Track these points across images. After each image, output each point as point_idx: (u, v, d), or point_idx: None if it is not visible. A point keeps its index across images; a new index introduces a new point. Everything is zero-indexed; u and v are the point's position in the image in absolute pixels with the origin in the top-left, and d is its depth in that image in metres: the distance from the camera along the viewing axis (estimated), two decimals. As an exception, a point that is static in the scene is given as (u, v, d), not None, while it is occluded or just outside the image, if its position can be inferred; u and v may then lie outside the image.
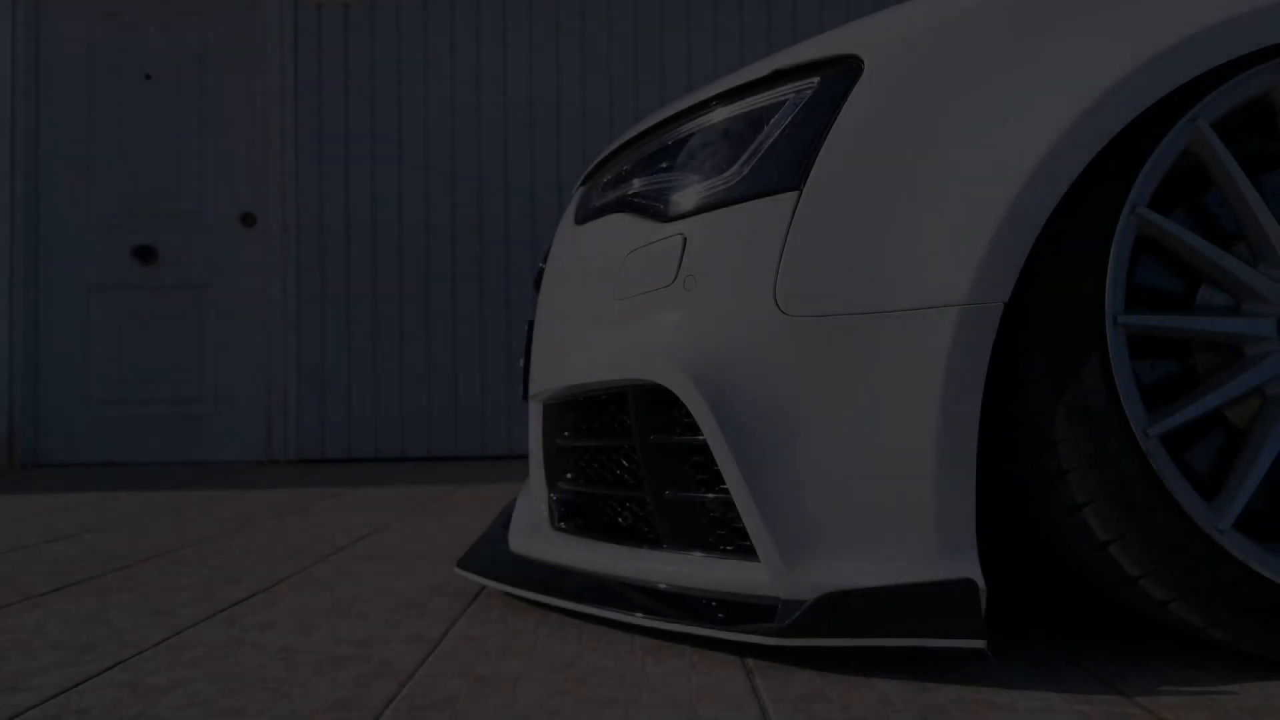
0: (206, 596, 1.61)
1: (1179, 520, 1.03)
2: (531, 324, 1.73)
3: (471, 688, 1.07)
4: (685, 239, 1.25)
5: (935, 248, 1.08)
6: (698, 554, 1.25)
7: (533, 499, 1.73)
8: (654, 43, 4.68)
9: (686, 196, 1.28)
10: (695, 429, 1.25)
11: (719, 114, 1.31)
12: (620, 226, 1.38)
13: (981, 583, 1.06)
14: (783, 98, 1.24)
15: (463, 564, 1.60)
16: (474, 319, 4.62)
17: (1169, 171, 1.27)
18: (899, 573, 1.08)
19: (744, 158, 1.23)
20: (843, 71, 1.19)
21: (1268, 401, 1.12)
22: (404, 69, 4.67)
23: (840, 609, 1.08)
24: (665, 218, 1.30)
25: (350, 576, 1.75)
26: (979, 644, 1.04)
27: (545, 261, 1.72)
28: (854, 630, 1.07)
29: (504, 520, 1.80)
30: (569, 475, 1.56)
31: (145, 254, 4.66)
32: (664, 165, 1.35)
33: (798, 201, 1.16)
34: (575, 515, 1.57)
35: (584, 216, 1.52)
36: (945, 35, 1.14)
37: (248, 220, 4.66)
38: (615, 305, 1.34)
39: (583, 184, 1.68)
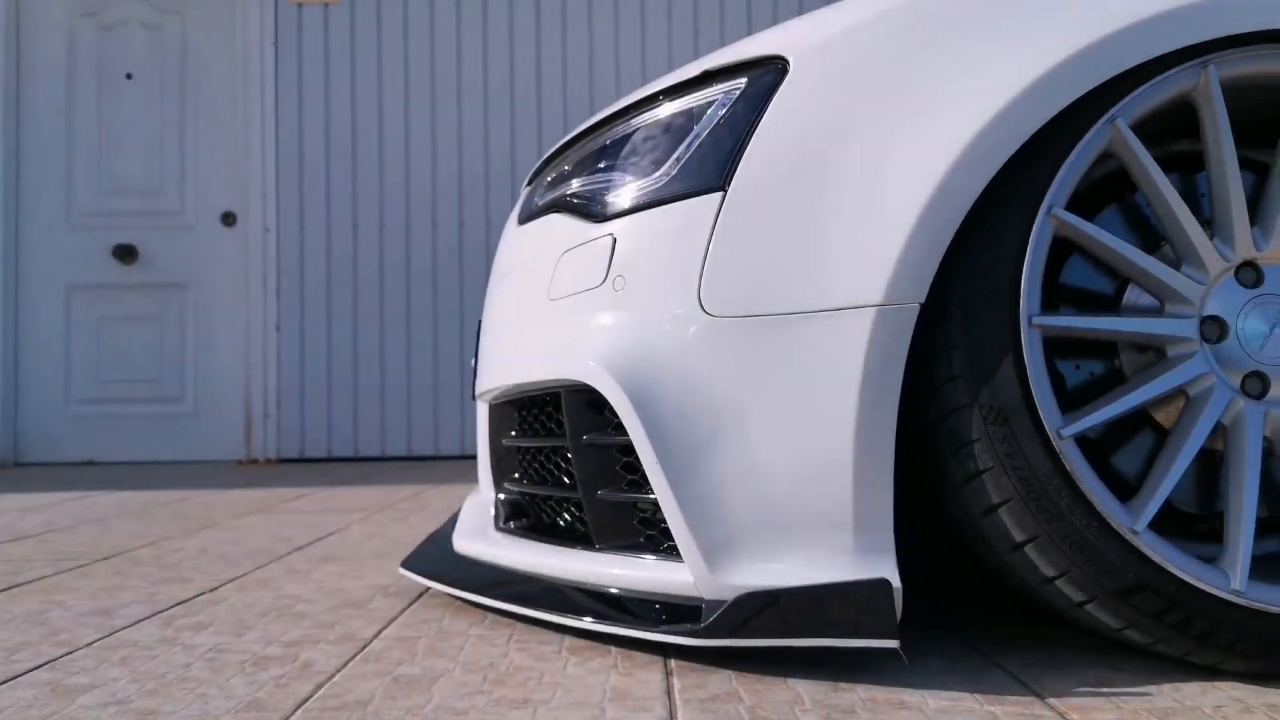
0: (151, 597, 1.61)
1: (1092, 521, 1.03)
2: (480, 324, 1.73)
3: (389, 688, 1.07)
4: (615, 239, 1.25)
5: (853, 249, 1.08)
6: (628, 554, 1.25)
7: (481, 499, 1.74)
8: (634, 38, 4.68)
9: (617, 197, 1.28)
10: (624, 429, 1.25)
11: (651, 115, 1.31)
12: (557, 227, 1.38)
13: (897, 583, 1.06)
14: (711, 99, 1.24)
15: (407, 564, 1.60)
16: (455, 318, 4.62)
17: (1105, 173, 1.29)
18: (816, 574, 1.08)
19: (672, 159, 1.23)
20: (769, 73, 1.19)
21: (1191, 402, 1.12)
22: (385, 67, 4.66)
23: (758, 609, 1.08)
24: (597, 218, 1.30)
25: (299, 577, 1.75)
26: (892, 644, 1.04)
27: None
28: (771, 631, 1.07)
29: (455, 520, 1.80)
30: (516, 475, 1.56)
31: (125, 253, 4.65)
32: (599, 166, 1.36)
33: (722, 202, 1.16)
34: (521, 516, 1.57)
35: (526, 217, 1.52)
36: (866, 36, 1.14)
37: (228, 219, 4.66)
38: (550, 306, 1.35)
39: (528, 184, 1.68)
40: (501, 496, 1.62)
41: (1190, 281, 1.11)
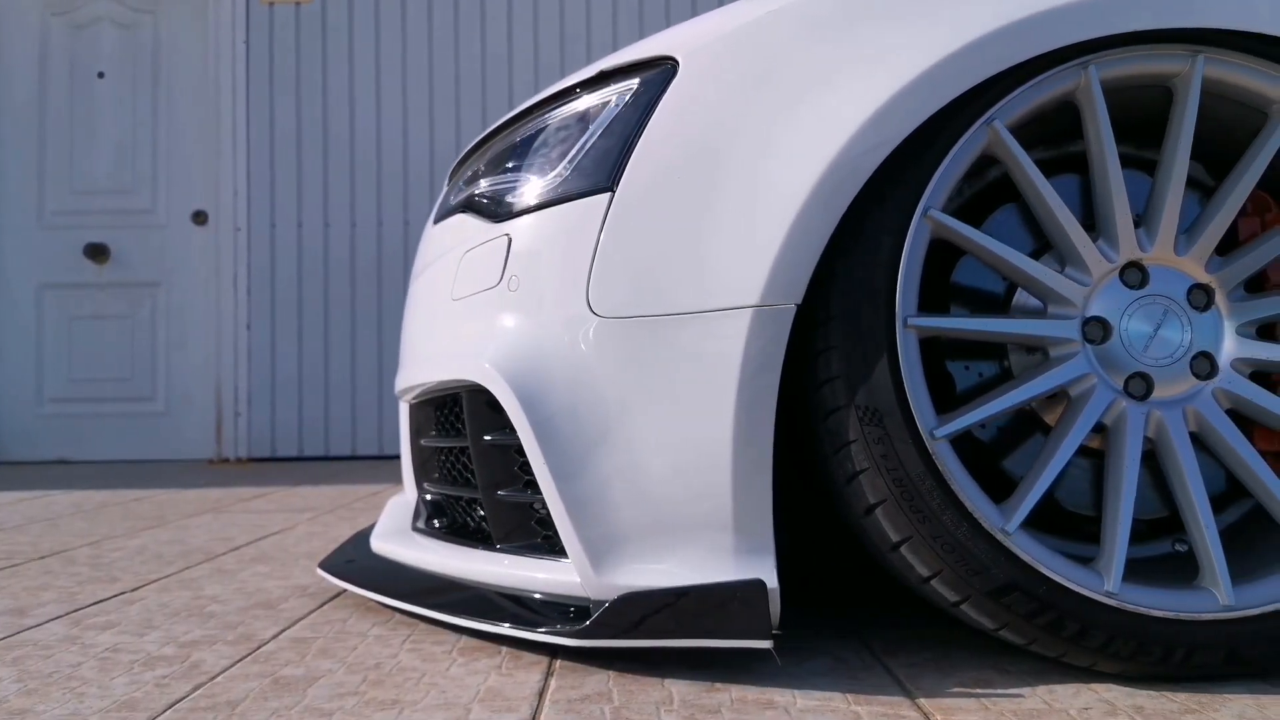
0: (71, 597, 1.61)
1: (963, 521, 1.04)
2: (406, 324, 1.73)
3: (265, 689, 1.07)
4: (510, 240, 1.25)
5: (732, 250, 1.08)
6: (526, 555, 1.26)
7: (405, 499, 1.74)
8: (606, 43, 4.68)
9: (514, 197, 1.28)
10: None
11: (551, 115, 1.31)
12: (462, 227, 1.39)
13: (772, 584, 1.06)
14: (606, 99, 1.24)
15: (324, 563, 1.60)
16: (426, 317, 4.61)
17: (1003, 173, 1.28)
18: (696, 574, 1.08)
19: (566, 159, 1.23)
20: (659, 73, 1.19)
21: (1072, 403, 1.12)
22: (356, 66, 4.66)
23: (636, 610, 1.08)
24: (495, 218, 1.30)
25: (224, 577, 1.76)
26: (765, 644, 1.04)
27: None
28: (648, 631, 1.07)
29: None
30: (436, 476, 1.57)
31: (97, 252, 4.65)
32: (501, 166, 1.36)
33: (609, 203, 1.16)
34: (440, 516, 1.58)
35: (439, 216, 1.52)
36: (752, 37, 1.14)
37: (199, 218, 4.66)
38: (453, 306, 1.35)
39: (448, 182, 1.68)
40: (421, 497, 1.62)
41: (1072, 283, 1.11)
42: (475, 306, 1.29)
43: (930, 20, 1.07)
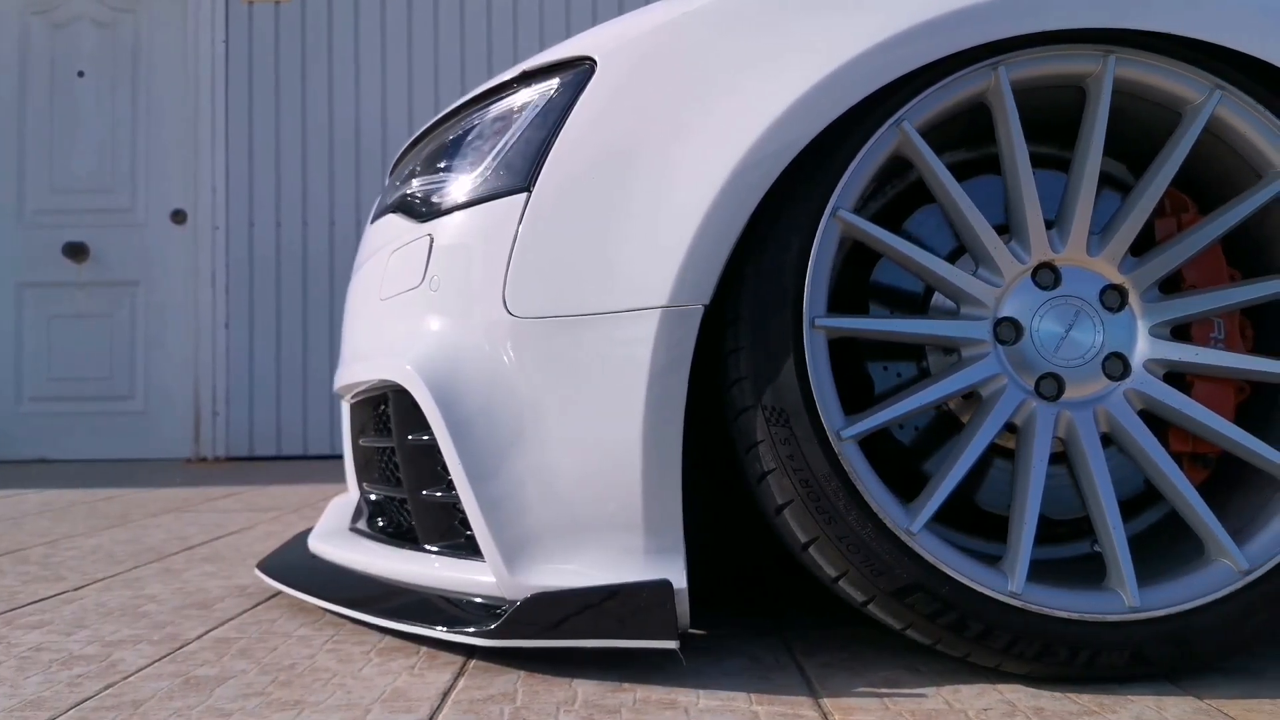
0: (12, 595, 1.61)
1: (867, 522, 1.04)
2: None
3: (174, 689, 1.07)
4: (432, 240, 1.25)
5: (642, 251, 1.08)
6: (449, 555, 1.26)
7: (347, 499, 1.74)
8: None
9: (438, 197, 1.28)
10: (441, 430, 1.25)
11: (477, 116, 1.31)
12: (392, 226, 1.39)
13: (680, 584, 1.06)
14: (528, 100, 1.24)
15: (262, 563, 1.60)
16: (405, 317, 4.61)
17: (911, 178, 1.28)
18: (606, 575, 1.08)
19: (488, 160, 1.23)
20: (578, 74, 1.19)
21: (983, 404, 1.12)
22: (335, 65, 4.66)
23: (545, 610, 1.08)
24: (420, 218, 1.30)
25: (170, 577, 1.76)
26: (671, 644, 1.04)
27: None
28: (556, 631, 1.08)
29: (330, 519, 1.80)
30: (375, 475, 1.57)
31: (76, 251, 4.65)
32: (428, 166, 1.36)
33: (526, 204, 1.16)
34: (381, 515, 1.58)
35: (375, 216, 1.52)
36: (667, 38, 1.14)
37: (178, 217, 4.66)
38: (382, 305, 1.35)
39: (387, 182, 1.68)
40: (371, 496, 1.62)
41: (982, 283, 1.11)
42: (400, 306, 1.29)
43: (840, 22, 1.07)
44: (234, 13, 4.67)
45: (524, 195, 1.16)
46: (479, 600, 1.18)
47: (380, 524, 1.55)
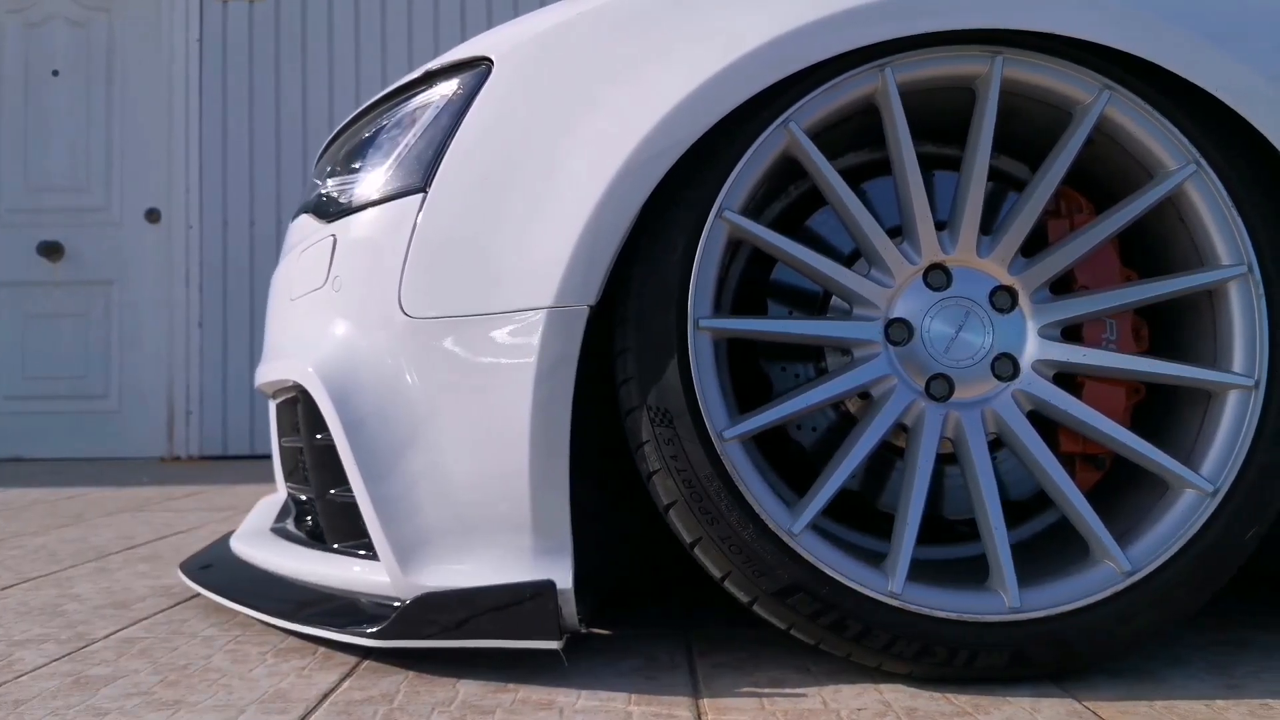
0: (-63, 595, 1.61)
1: (749, 523, 1.04)
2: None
3: (62, 689, 1.07)
4: (335, 240, 1.25)
5: (530, 251, 1.08)
6: (352, 555, 1.26)
7: (275, 498, 1.74)
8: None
9: (343, 197, 1.28)
10: (344, 430, 1.25)
11: (385, 116, 1.31)
12: (304, 226, 1.39)
13: (564, 585, 1.06)
14: (429, 100, 1.24)
15: (184, 564, 1.61)
16: (379, 316, 4.61)
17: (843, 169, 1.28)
18: (494, 575, 1.09)
19: (390, 160, 1.23)
20: (476, 75, 1.19)
21: (873, 404, 1.12)
22: (309, 64, 4.66)
23: (432, 610, 1.09)
24: (326, 218, 1.30)
25: (102, 576, 1.76)
26: (554, 645, 1.04)
27: None
28: (442, 631, 1.08)
29: (264, 519, 1.80)
30: (296, 476, 1.57)
31: (51, 250, 4.65)
32: (336, 166, 1.36)
33: (422, 204, 1.16)
34: (305, 515, 1.58)
35: (294, 215, 1.52)
36: (560, 38, 1.14)
37: (153, 216, 4.66)
38: (291, 305, 1.35)
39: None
40: (300, 496, 1.62)
41: (872, 284, 1.11)
42: (306, 306, 1.29)
43: (725, 23, 1.07)
44: (208, 12, 4.67)
45: (420, 196, 1.16)
46: (376, 601, 1.18)
47: (308, 524, 1.55)
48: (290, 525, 1.58)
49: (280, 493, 1.70)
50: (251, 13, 4.68)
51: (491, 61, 1.18)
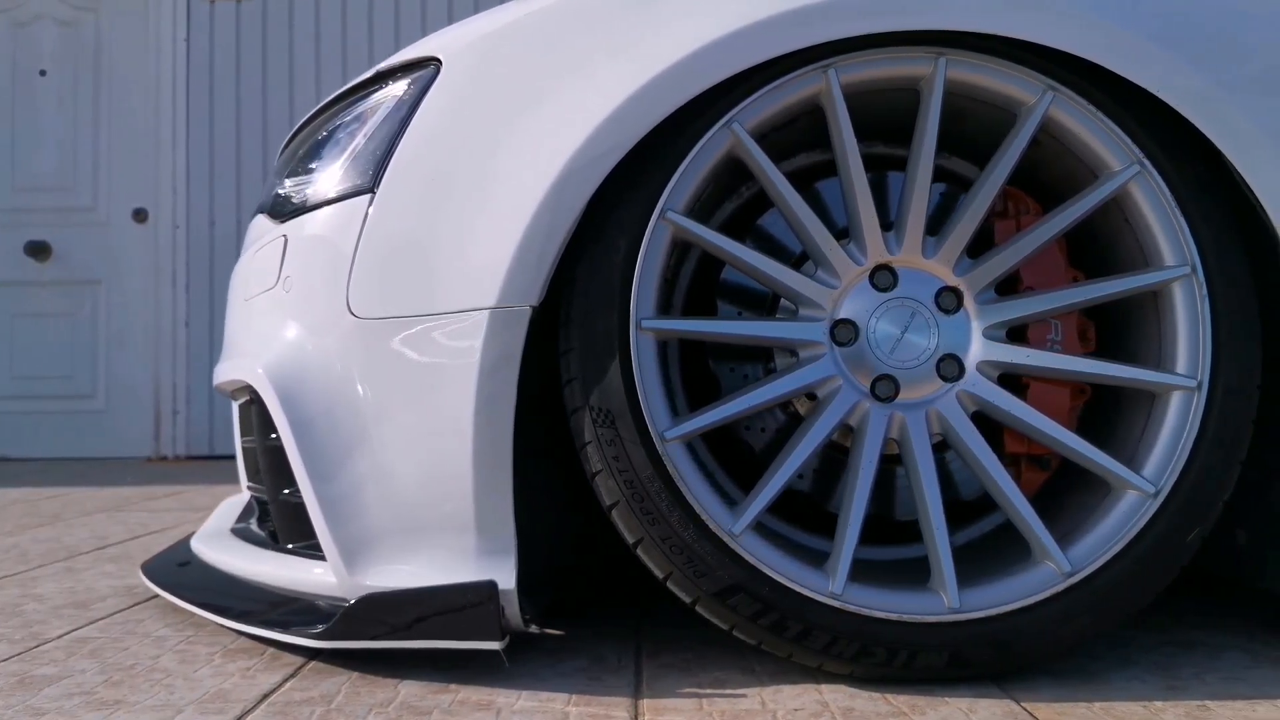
0: (-100, 595, 1.61)
1: (690, 523, 1.04)
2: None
3: (5, 688, 1.07)
4: (286, 241, 1.25)
5: (474, 252, 1.08)
6: (304, 556, 1.26)
7: (238, 499, 1.74)
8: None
9: (295, 198, 1.28)
10: (295, 431, 1.25)
11: (339, 116, 1.31)
12: (259, 226, 1.39)
13: (506, 585, 1.06)
14: (380, 100, 1.24)
15: (146, 564, 1.61)
16: (366, 315, 4.61)
17: (792, 171, 1.29)
18: (438, 575, 1.09)
19: (339, 161, 1.24)
20: (425, 75, 1.19)
21: (818, 405, 1.12)
22: (296, 63, 4.66)
23: (375, 611, 1.09)
24: (278, 218, 1.30)
25: (68, 576, 1.76)
26: (495, 645, 1.04)
27: None
28: (385, 632, 1.08)
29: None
30: (255, 477, 1.57)
31: (39, 250, 4.65)
32: (292, 166, 1.36)
33: (370, 205, 1.16)
34: (268, 516, 1.58)
35: (254, 213, 1.52)
36: (508, 38, 1.14)
37: (140, 216, 4.66)
38: (245, 306, 1.35)
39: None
40: (259, 497, 1.62)
41: (816, 285, 1.11)
42: (259, 307, 1.29)
43: (667, 25, 1.07)
44: (195, 11, 4.67)
45: (369, 197, 1.16)
46: (327, 601, 1.18)
47: (269, 524, 1.55)
48: (254, 525, 1.59)
49: (244, 493, 1.70)
50: (239, 13, 4.68)
51: (440, 62, 1.18)
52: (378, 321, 1.13)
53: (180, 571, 1.49)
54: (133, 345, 4.66)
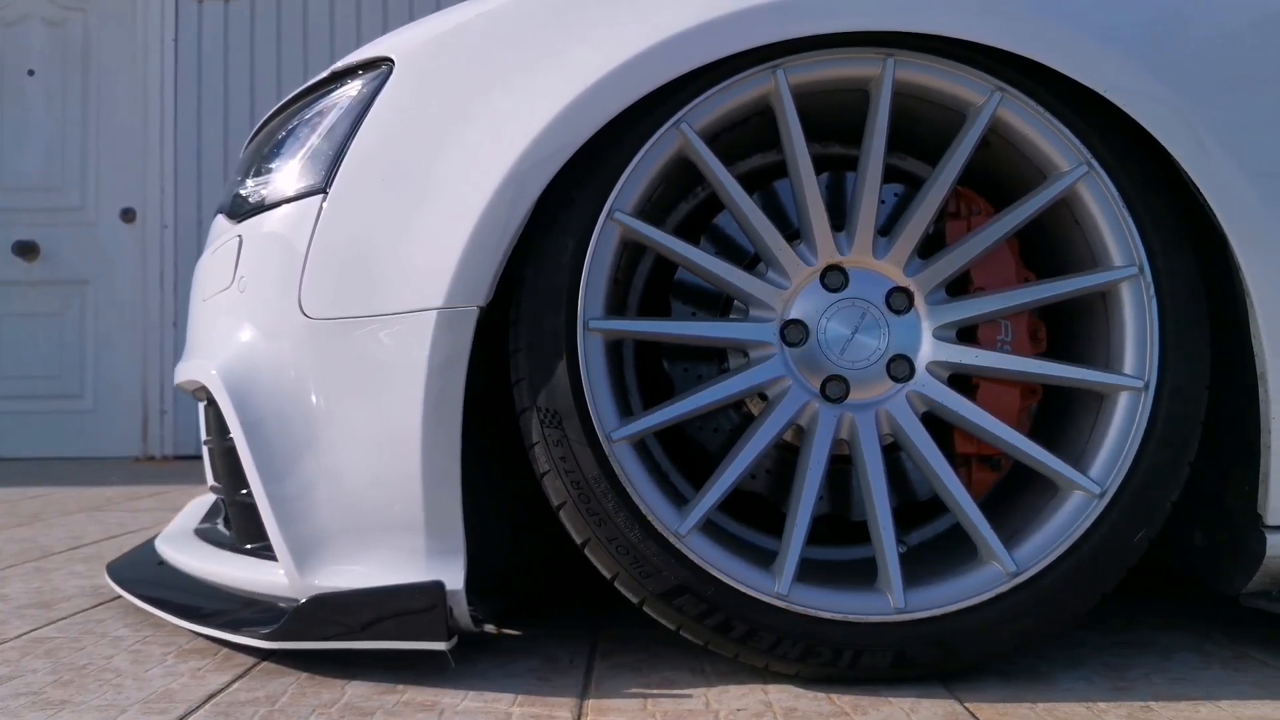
0: None
1: (636, 524, 1.04)
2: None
3: (-47, 689, 1.08)
4: (241, 241, 1.25)
5: (422, 252, 1.08)
6: (256, 556, 1.26)
7: (204, 499, 1.74)
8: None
9: (251, 198, 1.29)
10: (250, 431, 1.25)
11: (291, 116, 1.32)
12: (217, 226, 1.39)
13: (454, 586, 1.06)
14: (335, 100, 1.24)
15: (112, 564, 1.61)
16: (354, 315, 4.61)
17: (746, 172, 1.29)
18: (388, 576, 1.09)
19: (294, 160, 1.24)
20: (378, 75, 1.19)
21: (768, 405, 1.12)
22: (284, 63, 4.66)
23: (324, 611, 1.09)
24: (234, 218, 1.30)
25: (36, 576, 1.76)
26: (441, 646, 1.04)
27: None
28: (333, 632, 1.08)
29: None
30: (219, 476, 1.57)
31: (26, 250, 4.65)
32: (249, 167, 1.36)
33: (322, 205, 1.16)
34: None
35: (215, 213, 1.52)
36: (459, 38, 1.15)
37: (128, 216, 4.65)
38: (202, 306, 1.35)
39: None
40: (223, 498, 1.63)
41: (766, 285, 1.12)
42: (215, 307, 1.29)
43: (615, 26, 1.07)
44: (184, 11, 4.67)
45: (321, 197, 1.16)
46: (276, 602, 1.18)
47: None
48: (220, 525, 1.59)
49: (210, 494, 1.70)
50: (227, 13, 4.68)
51: (393, 62, 1.18)
52: (329, 322, 1.13)
53: (145, 571, 1.49)
54: (121, 345, 4.66)
